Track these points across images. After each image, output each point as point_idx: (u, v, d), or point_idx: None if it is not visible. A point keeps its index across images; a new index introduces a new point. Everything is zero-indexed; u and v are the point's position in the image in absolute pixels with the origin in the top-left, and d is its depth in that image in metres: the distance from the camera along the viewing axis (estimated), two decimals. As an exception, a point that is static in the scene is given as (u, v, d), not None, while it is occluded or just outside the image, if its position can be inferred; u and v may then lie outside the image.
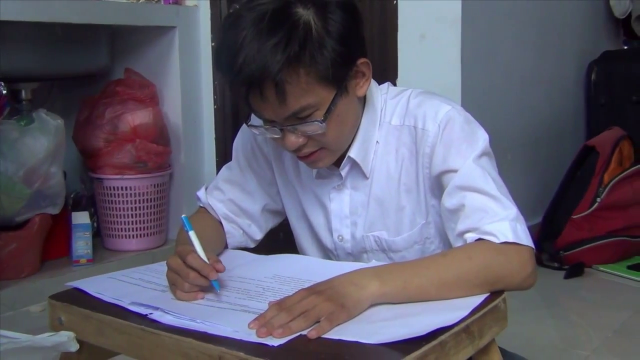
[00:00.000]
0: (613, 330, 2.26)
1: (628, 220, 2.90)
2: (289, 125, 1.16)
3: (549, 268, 2.89)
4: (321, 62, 1.11)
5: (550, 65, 3.26)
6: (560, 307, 2.62)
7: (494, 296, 1.10)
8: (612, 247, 2.88)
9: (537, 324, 2.35)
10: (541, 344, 2.15)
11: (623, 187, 2.90)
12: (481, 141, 1.23)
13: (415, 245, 1.30)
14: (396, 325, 0.99)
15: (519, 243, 1.14)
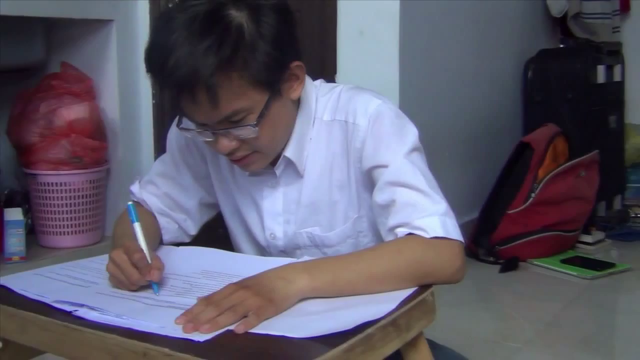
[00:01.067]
0: (545, 323, 2.32)
1: (561, 215, 2.96)
2: (221, 129, 1.15)
3: (485, 262, 2.94)
4: (254, 66, 1.10)
5: (489, 63, 3.31)
6: (495, 300, 2.67)
7: (422, 290, 1.11)
8: (546, 242, 2.94)
9: (472, 317, 2.38)
10: (475, 337, 2.19)
11: (557, 183, 2.96)
12: (411, 136, 1.24)
13: (349, 240, 1.31)
14: (323, 319, 0.99)
15: (448, 237, 1.15)
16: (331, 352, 0.89)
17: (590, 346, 2.15)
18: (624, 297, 2.69)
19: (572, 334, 2.25)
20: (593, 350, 2.12)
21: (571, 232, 3.04)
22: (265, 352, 0.90)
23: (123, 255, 1.10)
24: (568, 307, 2.46)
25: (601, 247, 3.20)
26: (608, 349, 2.15)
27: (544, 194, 2.93)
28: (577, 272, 2.78)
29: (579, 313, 2.43)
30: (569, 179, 2.99)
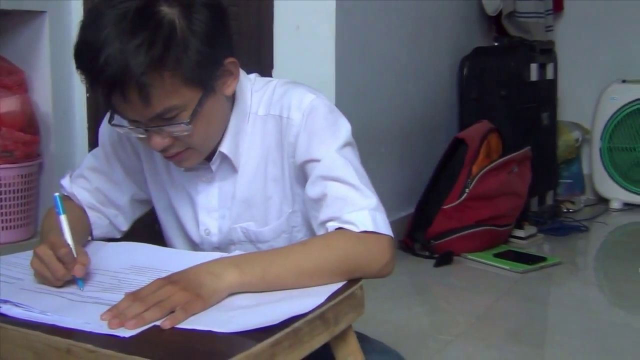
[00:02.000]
0: (477, 316, 2.36)
1: (494, 210, 3.02)
2: (153, 126, 1.14)
3: (421, 257, 2.97)
4: (186, 63, 1.09)
5: (425, 60, 3.35)
6: (429, 294, 2.71)
7: (351, 284, 1.12)
8: (479, 236, 3.00)
9: (407, 311, 2.41)
10: (409, 330, 2.22)
11: (490, 179, 3.01)
12: (344, 131, 1.25)
13: (283, 235, 1.31)
14: (251, 314, 0.99)
15: (378, 232, 1.17)
16: (257, 347, 0.89)
17: (520, 338, 2.20)
18: (554, 290, 2.76)
19: (503, 326, 2.30)
20: (523, 341, 2.17)
21: (504, 226, 3.10)
22: (190, 348, 0.90)
23: (48, 250, 1.08)
24: (500, 300, 2.51)
25: (533, 241, 3.27)
26: (537, 341, 2.20)
27: (477, 190, 2.98)
28: (510, 266, 2.84)
29: (510, 306, 2.48)
30: (502, 174, 3.05)
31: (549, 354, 2.12)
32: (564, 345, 2.22)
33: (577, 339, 2.22)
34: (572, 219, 3.66)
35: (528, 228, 3.29)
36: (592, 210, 3.89)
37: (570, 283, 2.83)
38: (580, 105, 4.14)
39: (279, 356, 0.93)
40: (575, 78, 4.15)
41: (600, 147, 4.03)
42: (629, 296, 2.66)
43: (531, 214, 3.50)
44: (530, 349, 2.12)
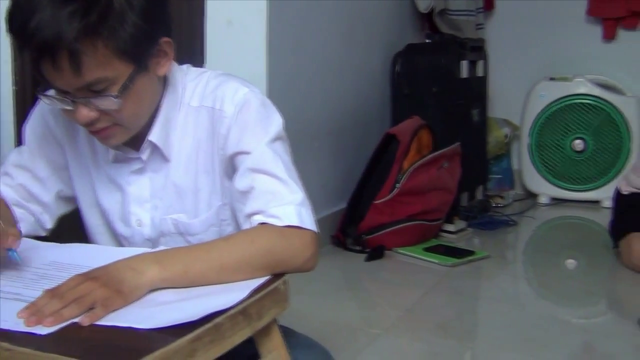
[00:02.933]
0: (406, 309, 2.39)
1: (425, 205, 3.06)
2: (81, 97, 1.12)
3: (352, 252, 3.00)
4: (121, 35, 1.08)
5: (358, 56, 3.37)
6: (360, 288, 2.73)
7: (275, 278, 1.13)
8: (410, 231, 3.03)
9: (337, 305, 2.43)
10: (339, 324, 2.23)
11: (421, 174, 3.05)
12: (275, 125, 1.26)
13: (212, 228, 1.31)
14: (172, 309, 0.99)
15: (302, 227, 1.18)
16: (177, 342, 0.89)
17: (446, 330, 2.24)
18: (483, 283, 2.81)
19: (430, 319, 2.33)
20: (450, 334, 2.21)
21: (434, 221, 3.15)
22: (109, 344, 0.90)
23: None
24: (429, 294, 2.55)
25: (463, 235, 3.33)
26: (463, 333, 2.24)
27: (408, 185, 3.02)
28: (439, 260, 2.88)
29: (438, 299, 2.52)
30: (432, 170, 3.09)
31: (476, 346, 2.17)
32: (490, 337, 2.27)
33: (503, 331, 2.27)
34: (501, 213, 3.73)
35: (458, 222, 3.34)
36: (521, 205, 3.98)
37: (498, 276, 2.89)
38: (510, 102, 4.22)
39: (199, 351, 0.93)
40: (505, 75, 4.24)
41: (529, 143, 4.12)
42: (556, 289, 2.73)
43: (461, 208, 3.56)
44: (457, 341, 2.16)
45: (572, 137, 4.03)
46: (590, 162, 4.03)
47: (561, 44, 4.19)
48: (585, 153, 4.02)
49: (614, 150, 3.97)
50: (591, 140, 4.00)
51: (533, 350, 2.10)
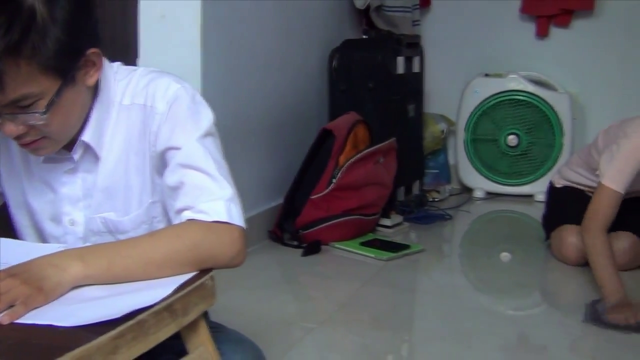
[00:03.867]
0: (340, 303, 2.41)
1: (361, 199, 3.08)
2: (7, 113, 1.10)
3: (289, 247, 3.00)
4: (44, 52, 1.06)
5: (295, 51, 3.37)
6: (296, 283, 2.74)
7: (201, 274, 1.13)
8: (347, 225, 3.05)
9: (273, 300, 2.43)
10: (273, 319, 2.24)
11: (357, 169, 3.07)
12: (206, 121, 1.26)
13: (143, 225, 1.30)
14: (95, 306, 0.98)
15: (230, 223, 1.18)
16: (98, 340, 0.89)
17: (381, 323, 2.26)
18: (417, 277, 2.85)
19: (365, 312, 2.36)
20: (384, 327, 2.23)
21: (371, 216, 3.17)
22: (29, 343, 0.89)
23: None
24: (363, 288, 2.57)
25: (399, 230, 3.36)
26: (398, 325, 2.26)
27: (344, 180, 3.04)
28: (375, 254, 2.91)
29: (373, 293, 2.54)
30: (368, 165, 3.12)
31: (410, 338, 2.19)
32: (424, 329, 2.30)
33: (437, 323, 2.31)
34: (438, 207, 3.79)
35: (394, 217, 3.37)
36: (457, 199, 4.05)
37: (434, 269, 2.93)
38: (446, 97, 4.28)
39: (122, 348, 0.92)
40: (440, 71, 4.30)
41: (464, 139, 4.18)
42: (490, 281, 2.78)
43: (398, 203, 3.59)
44: (390, 333, 2.18)
45: (506, 132, 4.10)
46: (524, 157, 4.11)
47: (495, 41, 4.27)
48: (519, 148, 4.10)
49: (546, 146, 4.06)
50: (525, 136, 4.08)
51: (467, 342, 2.13)
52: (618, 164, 2.52)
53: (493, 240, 3.39)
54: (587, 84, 4.15)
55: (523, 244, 3.23)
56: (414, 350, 2.13)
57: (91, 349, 0.87)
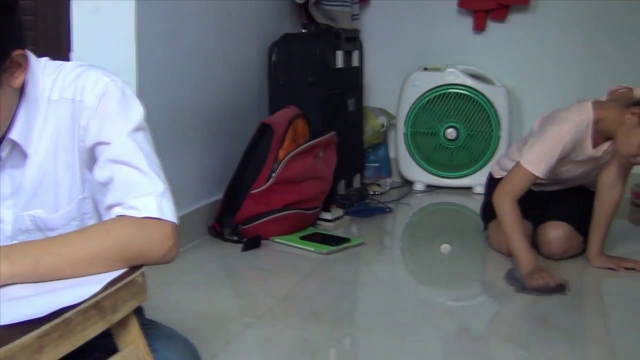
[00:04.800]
0: (280, 297, 2.41)
1: (301, 193, 3.08)
2: None
3: (229, 242, 2.99)
4: None
5: (234, 45, 3.35)
6: (236, 278, 2.73)
7: (131, 270, 1.12)
8: (287, 220, 3.05)
9: (211, 295, 2.42)
10: (212, 315, 2.23)
11: (296, 163, 3.07)
12: (136, 115, 1.24)
13: (73, 222, 1.28)
14: (20, 305, 0.96)
15: (162, 218, 1.17)
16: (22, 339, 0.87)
17: (320, 317, 2.27)
18: (357, 270, 2.86)
19: (304, 306, 2.36)
20: (323, 320, 2.24)
21: (311, 210, 3.18)
22: (-51, 343, 0.86)
23: None
24: (303, 282, 2.58)
25: (340, 223, 3.37)
26: (336, 318, 2.27)
27: (284, 174, 3.03)
28: (315, 248, 2.91)
29: (312, 286, 2.55)
30: (308, 159, 3.12)
31: (348, 331, 2.20)
32: (364, 321, 2.32)
33: (377, 315, 2.33)
34: (378, 201, 3.81)
35: (335, 211, 3.38)
36: (397, 192, 4.08)
37: (374, 262, 2.95)
38: (386, 91, 4.31)
39: (47, 347, 0.91)
40: (380, 65, 4.33)
41: (404, 132, 4.22)
42: (431, 273, 2.81)
43: (338, 197, 3.61)
44: (330, 326, 2.19)
45: (445, 125, 4.15)
46: (463, 150, 4.17)
47: (434, 35, 4.31)
48: (458, 141, 4.15)
49: (484, 138, 4.12)
50: (463, 129, 4.13)
51: (408, 333, 2.15)
52: (539, 148, 2.61)
53: (433, 232, 3.43)
54: (523, 77, 4.23)
55: (463, 235, 3.27)
56: (353, 343, 2.14)
57: (14, 348, 0.85)
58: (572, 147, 2.63)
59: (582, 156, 2.70)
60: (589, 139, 2.65)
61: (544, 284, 2.45)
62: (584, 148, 2.66)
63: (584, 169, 2.79)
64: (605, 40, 4.08)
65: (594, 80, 3.90)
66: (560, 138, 2.59)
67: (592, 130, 2.64)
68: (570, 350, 2.04)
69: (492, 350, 2.09)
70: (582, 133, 2.62)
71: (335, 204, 3.46)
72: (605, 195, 2.76)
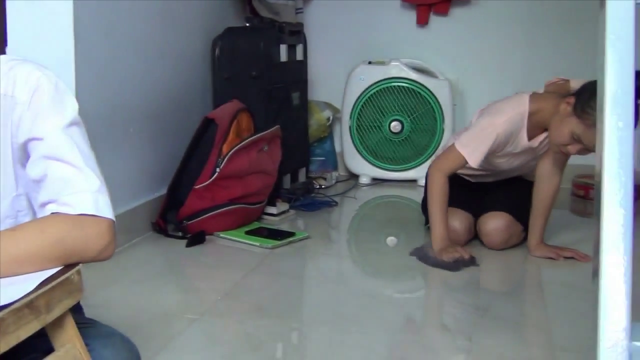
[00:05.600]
0: (224, 293, 2.39)
1: (246, 188, 3.07)
2: None
3: (174, 238, 2.96)
4: None
5: (177, 39, 3.32)
6: (180, 274, 2.71)
7: (66, 268, 1.10)
8: (232, 215, 3.03)
9: (155, 292, 2.39)
10: (155, 312, 2.20)
11: (240, 157, 3.05)
12: (70, 110, 1.22)
13: (8, 220, 1.25)
14: (-51, 306, 0.94)
15: (98, 215, 1.15)
16: (-50, 341, 0.85)
17: (264, 312, 2.26)
18: (303, 264, 2.86)
19: (248, 301, 2.35)
20: (266, 315, 2.23)
21: (256, 204, 3.16)
22: None
23: None
24: (247, 276, 2.57)
25: (286, 217, 3.37)
26: (281, 313, 2.27)
27: (228, 169, 3.01)
28: (260, 242, 2.90)
29: (257, 281, 2.54)
30: (252, 153, 3.10)
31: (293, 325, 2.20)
32: (309, 315, 2.33)
33: (322, 309, 2.34)
34: (324, 194, 3.82)
35: (280, 205, 3.38)
36: (343, 186, 4.09)
37: (320, 256, 2.95)
38: (331, 85, 4.31)
39: (-23, 348, 0.89)
40: (324, 59, 4.33)
41: (350, 126, 4.23)
42: (377, 265, 2.82)
43: (284, 191, 3.60)
44: (274, 321, 2.18)
45: (390, 119, 4.17)
46: (407, 143, 4.20)
47: (378, 29, 4.33)
48: (402, 134, 4.18)
49: (428, 132, 4.16)
50: (407, 122, 4.16)
51: (354, 326, 2.16)
52: (473, 136, 2.70)
53: (379, 225, 3.45)
54: (466, 71, 4.27)
55: (408, 228, 3.29)
56: (299, 336, 2.15)
57: (-58, 350, 0.83)
58: (505, 139, 2.69)
59: (518, 148, 2.75)
60: (524, 131, 2.71)
61: (459, 256, 2.61)
62: (519, 140, 2.72)
63: (521, 160, 2.84)
64: (544, 34, 4.15)
65: (534, 72, 3.95)
66: (493, 129, 2.66)
67: (528, 122, 2.70)
68: (511, 339, 2.07)
69: (435, 341, 2.12)
70: (516, 126, 2.68)
71: (281, 198, 3.45)
72: (543, 186, 2.82)
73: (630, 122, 0.92)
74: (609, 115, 0.93)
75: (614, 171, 0.91)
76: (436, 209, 2.72)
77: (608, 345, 0.89)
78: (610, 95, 0.93)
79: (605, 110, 0.93)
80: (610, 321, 0.89)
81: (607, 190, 0.92)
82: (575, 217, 3.71)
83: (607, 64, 0.93)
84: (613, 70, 0.93)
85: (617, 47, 0.92)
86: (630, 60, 0.93)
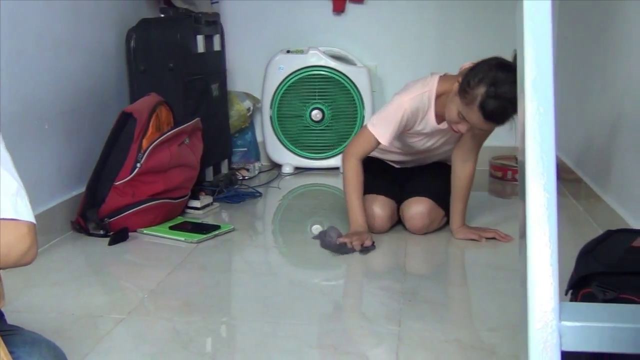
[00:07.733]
0: (150, 290, 2.36)
1: (168, 183, 3.02)
2: None
3: (95, 236, 2.90)
4: None
5: (88, 32, 3.23)
6: (104, 274, 2.64)
7: (-14, 276, 1.06)
8: (154, 210, 2.99)
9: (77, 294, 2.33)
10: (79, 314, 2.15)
11: (161, 152, 3.00)
12: None
13: None
14: None
15: (17, 219, 1.11)
16: None
17: (191, 308, 2.23)
18: (230, 257, 2.83)
19: (175, 298, 2.32)
20: (194, 311, 2.20)
21: (179, 198, 3.12)
22: None
23: None
24: (173, 273, 2.53)
25: (210, 210, 3.35)
26: (209, 307, 2.24)
27: (149, 163, 2.96)
28: (185, 237, 2.87)
29: (183, 277, 2.51)
30: (173, 147, 3.06)
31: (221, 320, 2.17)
32: (237, 308, 2.31)
33: (251, 301, 2.32)
34: (248, 186, 3.81)
35: (204, 198, 3.35)
36: (266, 176, 4.09)
37: (246, 248, 2.92)
38: (250, 75, 4.30)
39: None
40: (242, 49, 4.30)
41: (270, 115, 4.22)
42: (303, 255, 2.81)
43: (207, 183, 3.57)
44: (202, 316, 2.15)
45: (311, 107, 4.18)
46: (328, 131, 4.22)
47: (295, 17, 4.32)
48: (323, 122, 4.19)
49: (349, 119, 4.19)
50: (328, 110, 4.17)
51: (283, 317, 2.16)
52: (382, 114, 2.79)
53: (303, 214, 3.45)
54: (384, 57, 4.31)
55: (333, 215, 3.30)
56: (229, 330, 2.12)
57: None
58: (413, 117, 2.75)
59: (427, 128, 2.82)
60: (432, 111, 2.76)
61: (361, 241, 2.71)
62: (427, 120, 2.79)
63: (435, 140, 2.90)
64: (459, 19, 4.22)
65: (450, 57, 4.01)
66: (399, 106, 2.73)
67: (437, 103, 2.75)
68: (439, 322, 2.10)
69: (365, 327, 2.13)
70: (422, 104, 2.75)
71: (204, 191, 3.42)
72: (459, 169, 2.88)
73: (551, 107, 0.94)
74: (529, 101, 0.94)
75: (536, 155, 0.93)
76: (353, 194, 2.81)
77: (538, 327, 0.91)
78: (529, 82, 0.94)
79: (526, 96, 0.94)
80: (539, 303, 0.91)
81: (531, 175, 0.93)
82: (495, 198, 3.80)
83: (526, 51, 0.95)
84: (531, 56, 0.94)
85: (536, 33, 0.94)
86: (548, 46, 0.94)
